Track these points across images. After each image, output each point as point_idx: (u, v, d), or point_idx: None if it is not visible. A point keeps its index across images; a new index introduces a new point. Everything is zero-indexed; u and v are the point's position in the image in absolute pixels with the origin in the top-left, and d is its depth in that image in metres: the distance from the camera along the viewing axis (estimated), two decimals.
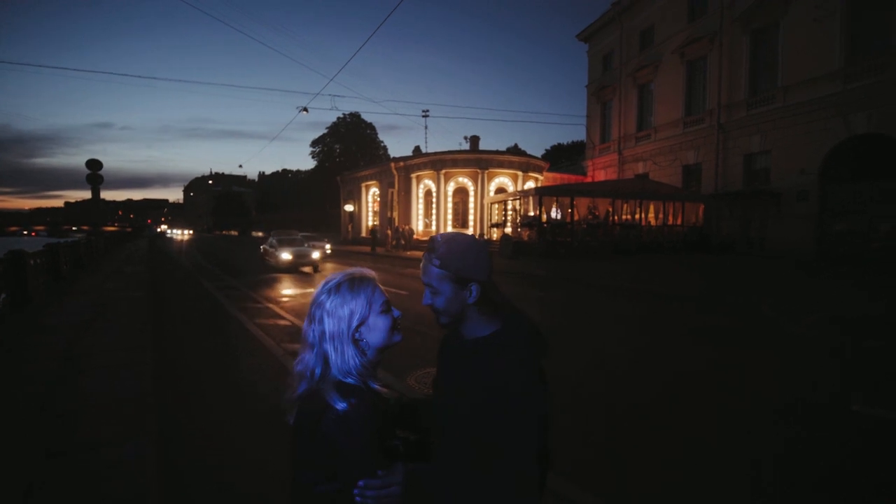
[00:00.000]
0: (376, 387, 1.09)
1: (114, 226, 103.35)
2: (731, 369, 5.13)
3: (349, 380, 1.04)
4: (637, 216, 21.71)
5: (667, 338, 6.62)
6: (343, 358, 1.05)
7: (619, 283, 11.52)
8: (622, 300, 9.77)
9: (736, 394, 4.40)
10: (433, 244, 1.10)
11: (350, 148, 56.51)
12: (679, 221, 22.25)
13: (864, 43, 16.34)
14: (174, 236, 66.35)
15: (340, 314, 1.06)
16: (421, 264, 1.12)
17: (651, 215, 22.10)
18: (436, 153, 28.47)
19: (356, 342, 1.08)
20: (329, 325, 1.06)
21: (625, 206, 21.58)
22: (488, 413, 0.98)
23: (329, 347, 1.05)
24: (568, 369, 4.89)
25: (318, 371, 1.05)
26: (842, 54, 16.67)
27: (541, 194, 20.53)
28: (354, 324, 1.07)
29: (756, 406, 4.10)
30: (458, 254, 1.07)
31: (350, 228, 37.68)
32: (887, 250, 15.28)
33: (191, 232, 79.39)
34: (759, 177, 20.14)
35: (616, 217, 21.24)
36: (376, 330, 1.10)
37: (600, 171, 30.03)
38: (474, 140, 29.72)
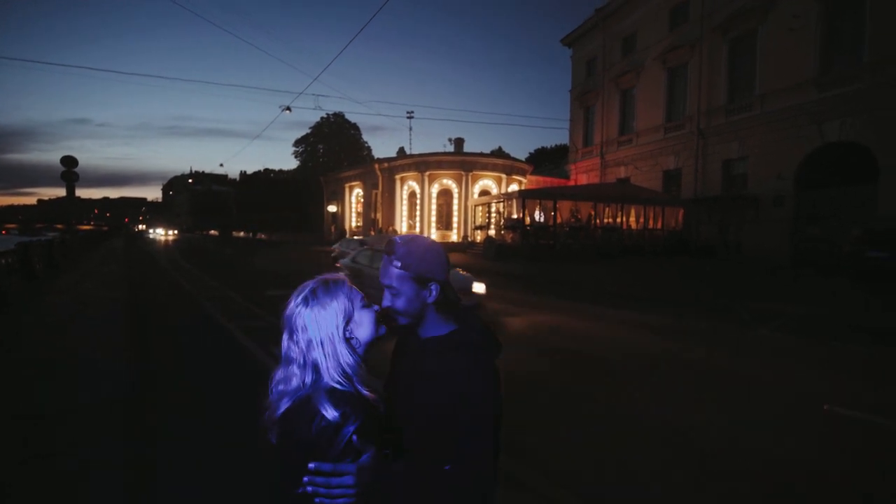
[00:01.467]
0: (366, 392, 1.06)
1: (90, 224, 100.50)
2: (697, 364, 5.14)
3: (341, 386, 1.01)
4: (619, 220, 21.92)
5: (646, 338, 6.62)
6: (336, 360, 1.02)
7: (600, 289, 11.56)
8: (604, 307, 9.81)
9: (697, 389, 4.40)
10: (392, 246, 1.11)
11: (334, 148, 56.05)
12: (659, 225, 22.55)
13: (838, 53, 16.83)
14: (157, 237, 62.07)
15: (324, 317, 1.04)
16: (379, 266, 1.14)
17: (632, 219, 22.35)
18: (420, 155, 28.36)
19: (348, 340, 1.06)
20: (314, 331, 1.03)
21: (606, 209, 21.78)
22: (447, 410, 1.00)
23: (318, 354, 1.02)
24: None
25: (307, 381, 1.02)
26: (816, 64, 17.12)
27: (524, 197, 20.58)
28: (342, 322, 1.05)
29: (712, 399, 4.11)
30: (419, 254, 1.10)
31: (333, 229, 37.27)
32: (857, 255, 15.68)
33: (175, 232, 74.35)
34: (738, 182, 20.54)
35: (598, 220, 21.42)
36: (363, 324, 1.09)
37: (583, 174, 30.30)
38: (459, 142, 29.71)
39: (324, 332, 1.03)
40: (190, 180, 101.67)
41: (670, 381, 4.81)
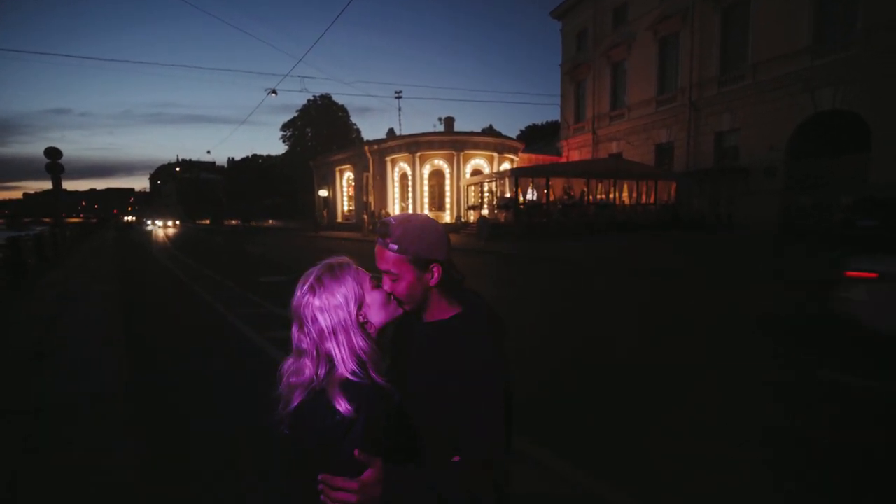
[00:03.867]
0: (381, 382, 1.01)
1: (78, 217, 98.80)
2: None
3: (355, 377, 0.96)
4: (611, 195, 21.88)
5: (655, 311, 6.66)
6: (351, 349, 0.98)
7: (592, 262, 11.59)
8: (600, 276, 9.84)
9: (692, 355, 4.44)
10: (386, 228, 1.03)
11: (322, 131, 55.08)
12: (652, 200, 22.54)
13: (831, 20, 16.58)
14: (155, 228, 54.02)
15: (335, 304, 0.98)
16: (375, 251, 1.05)
17: (625, 194, 22.32)
18: (410, 135, 27.96)
19: (362, 325, 1.01)
20: (325, 320, 0.98)
21: (599, 185, 21.70)
22: (456, 395, 0.98)
23: (331, 344, 0.97)
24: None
25: (321, 372, 0.98)
26: (810, 31, 16.89)
27: (516, 175, 20.42)
28: (354, 307, 1.00)
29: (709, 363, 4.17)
30: (415, 234, 1.02)
31: (325, 214, 36.95)
32: (847, 224, 15.80)
33: (176, 223, 65.82)
34: (729, 154, 20.49)
35: (591, 197, 21.36)
36: (375, 307, 1.03)
37: (575, 151, 30.09)
38: (449, 121, 29.29)
39: (336, 321, 0.98)
40: (177, 169, 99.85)
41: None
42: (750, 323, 6.05)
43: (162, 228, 53.27)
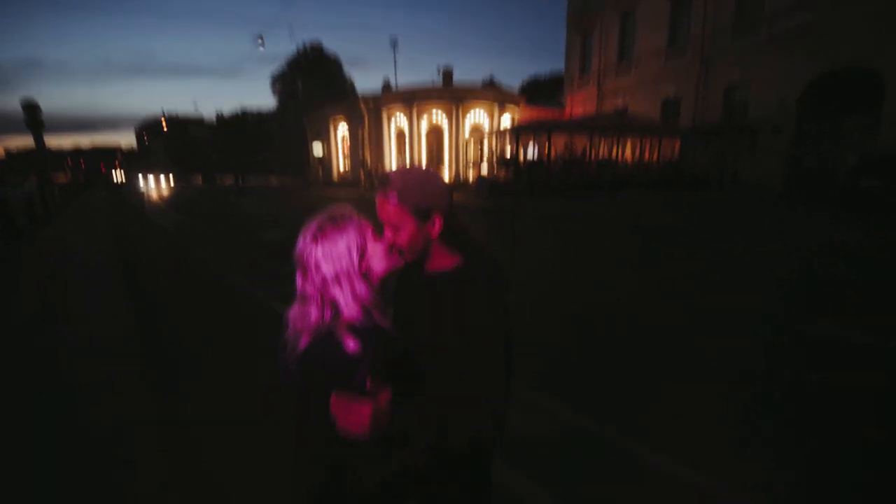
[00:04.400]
0: (384, 325, 1.06)
1: (65, 175, 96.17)
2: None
3: (360, 321, 1.01)
4: (614, 152, 21.40)
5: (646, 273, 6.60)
6: (354, 295, 1.02)
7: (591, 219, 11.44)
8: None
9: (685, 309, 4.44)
10: (387, 179, 1.04)
11: (314, 84, 52.93)
12: (655, 157, 22.11)
13: None
14: (148, 189, 43.08)
15: (338, 253, 1.02)
16: (376, 203, 1.06)
17: (628, 152, 21.84)
18: (407, 88, 26.88)
19: (364, 274, 1.04)
20: (329, 268, 1.01)
21: (602, 142, 21.17)
22: (458, 343, 1.01)
23: (336, 291, 1.01)
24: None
25: (327, 317, 1.02)
26: None
27: (517, 131, 19.83)
28: (356, 256, 1.03)
29: (701, 317, 4.22)
30: (416, 185, 1.03)
31: (321, 172, 36.16)
32: (851, 184, 15.59)
33: (170, 181, 52.28)
34: (738, 111, 19.92)
35: (593, 154, 20.88)
36: (377, 256, 1.06)
37: (578, 105, 29.20)
38: (447, 73, 28.08)
39: (338, 269, 1.01)
40: (164, 123, 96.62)
41: None
42: (743, 279, 6.02)
43: (155, 188, 46.69)
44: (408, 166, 1.07)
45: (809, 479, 2.24)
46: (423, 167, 1.08)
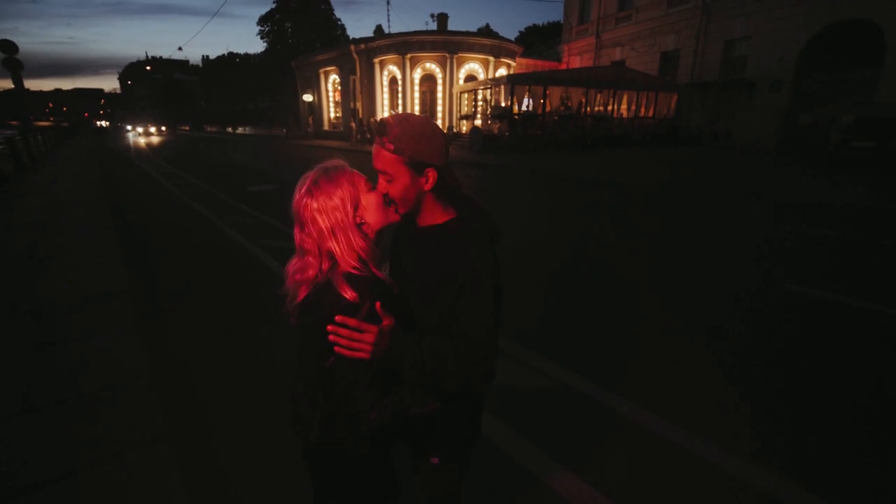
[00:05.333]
0: (381, 275, 1.08)
1: (48, 121, 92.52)
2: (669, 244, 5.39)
3: (357, 271, 1.03)
4: (610, 107, 21.04)
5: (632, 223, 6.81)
6: (350, 247, 1.04)
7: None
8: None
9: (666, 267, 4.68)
10: (384, 127, 1.02)
11: (303, 27, 50.34)
12: (651, 113, 21.79)
13: None
14: (136, 136, 40.49)
15: (332, 205, 1.03)
16: (372, 149, 1.05)
17: (623, 107, 21.47)
18: (400, 34, 25.76)
19: (359, 226, 1.06)
20: (325, 221, 1.03)
21: (598, 96, 20.75)
22: (450, 296, 1.04)
23: (332, 243, 1.03)
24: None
25: (324, 268, 1.04)
26: None
27: (513, 83, 19.34)
28: (351, 208, 1.04)
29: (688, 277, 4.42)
30: (413, 136, 1.01)
31: (311, 121, 35.24)
32: (844, 144, 15.59)
33: (162, 128, 48.17)
34: (737, 66, 19.46)
35: (589, 108, 20.53)
36: (371, 209, 1.07)
37: (576, 56, 28.27)
38: (442, 19, 26.88)
39: (334, 221, 1.03)
40: (148, 67, 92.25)
41: None
42: (723, 238, 6.25)
43: (144, 136, 43.87)
44: (407, 114, 1.07)
45: (788, 431, 2.37)
46: (423, 117, 1.06)
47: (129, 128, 61.51)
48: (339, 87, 31.28)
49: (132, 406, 2.31)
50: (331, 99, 33.12)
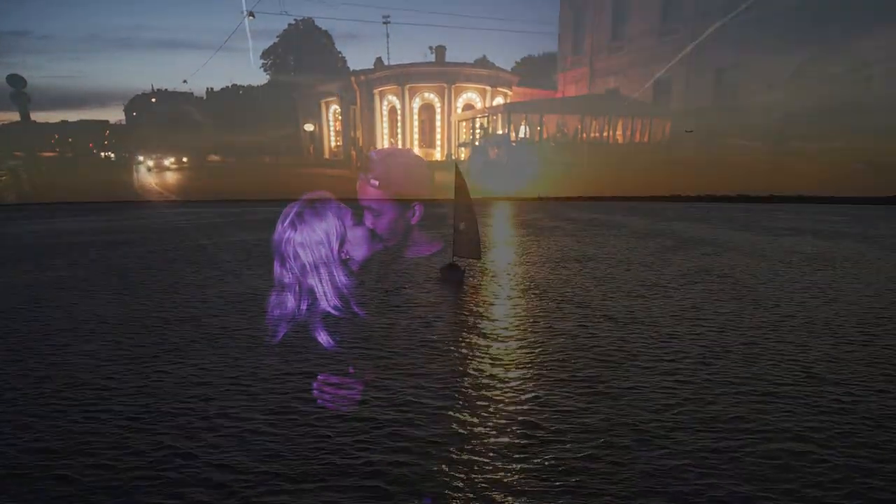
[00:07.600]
0: (363, 314, 1.00)
1: (53, 151, 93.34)
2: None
3: (337, 312, 0.96)
4: (605, 133, 21.42)
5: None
6: (333, 285, 0.96)
7: None
8: None
9: None
10: (369, 163, 1.01)
11: (305, 59, 51.80)
12: (646, 139, 22.17)
13: None
14: (148, 167, 39.91)
15: (316, 240, 0.96)
16: (357, 185, 1.02)
17: (619, 132, 21.86)
18: (399, 66, 26.49)
19: (344, 262, 0.99)
20: (308, 256, 0.95)
21: (594, 122, 21.17)
22: None
23: (314, 281, 0.95)
24: None
25: (303, 307, 0.97)
26: None
27: (509, 111, 19.78)
28: (336, 244, 0.97)
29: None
30: (398, 171, 1.00)
31: (312, 150, 35.83)
32: None
33: (183, 160, 46.57)
34: (728, 93, 19.94)
35: (584, 135, 20.91)
36: (357, 243, 1.01)
37: (571, 85, 28.96)
38: (440, 51, 27.67)
39: (318, 257, 0.96)
40: (153, 100, 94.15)
41: None
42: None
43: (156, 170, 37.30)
44: (392, 148, 1.14)
45: None
46: (408, 151, 1.05)
47: (140, 158, 58.33)
48: (340, 117, 31.94)
49: None
50: (331, 128, 33.77)
